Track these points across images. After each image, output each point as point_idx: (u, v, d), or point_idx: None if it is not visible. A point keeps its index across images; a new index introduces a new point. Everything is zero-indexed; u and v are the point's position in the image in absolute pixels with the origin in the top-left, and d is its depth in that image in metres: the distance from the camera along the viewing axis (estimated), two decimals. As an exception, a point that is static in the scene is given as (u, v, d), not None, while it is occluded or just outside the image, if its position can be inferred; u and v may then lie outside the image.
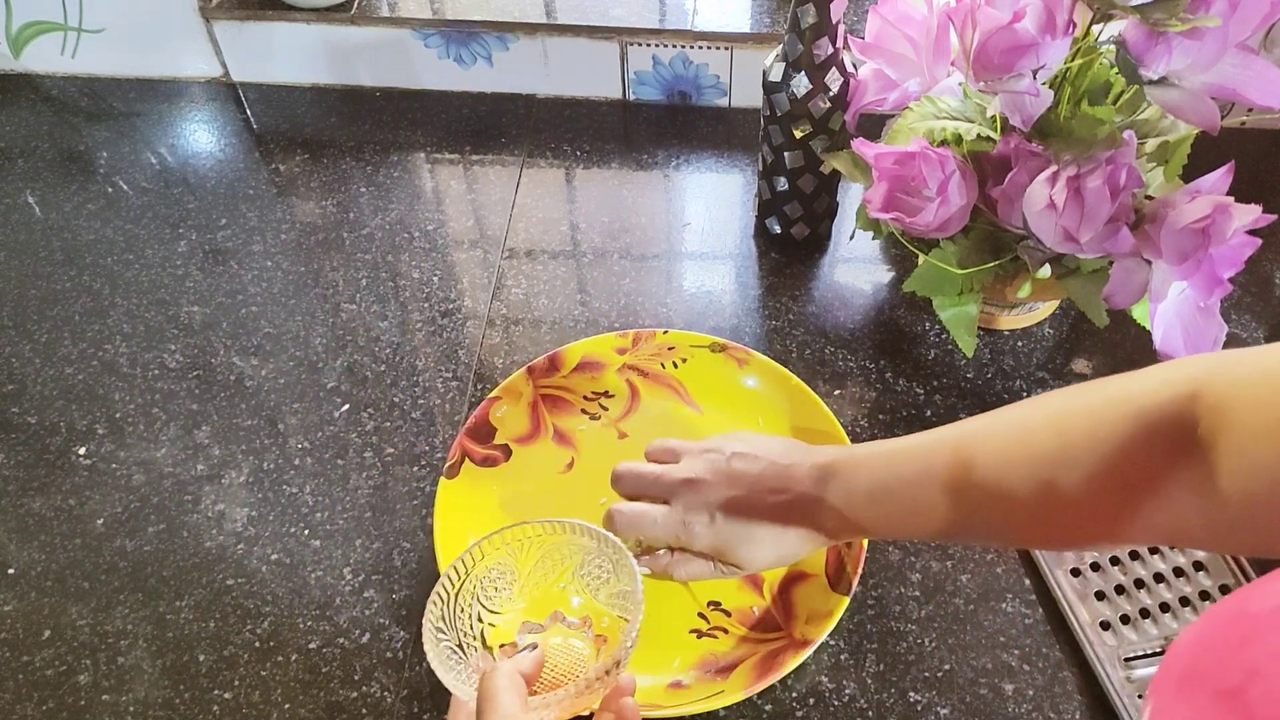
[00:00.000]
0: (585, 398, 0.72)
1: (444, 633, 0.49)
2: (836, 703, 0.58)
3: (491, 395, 0.70)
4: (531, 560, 0.53)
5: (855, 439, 0.69)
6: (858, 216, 0.73)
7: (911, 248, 0.68)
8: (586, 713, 0.48)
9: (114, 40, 0.99)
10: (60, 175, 0.93)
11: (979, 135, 0.64)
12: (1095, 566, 0.62)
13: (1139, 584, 0.62)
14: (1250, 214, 0.60)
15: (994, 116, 0.64)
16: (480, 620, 0.52)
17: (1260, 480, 0.35)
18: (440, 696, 0.59)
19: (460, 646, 0.50)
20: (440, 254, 0.85)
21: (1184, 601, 0.61)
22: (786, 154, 0.78)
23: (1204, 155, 0.65)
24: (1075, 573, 0.62)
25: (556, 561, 0.54)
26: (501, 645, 0.52)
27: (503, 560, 0.53)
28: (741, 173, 0.92)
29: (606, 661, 0.46)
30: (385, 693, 0.60)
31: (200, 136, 0.97)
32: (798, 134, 0.76)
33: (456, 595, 0.51)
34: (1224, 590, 0.61)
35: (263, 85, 1.01)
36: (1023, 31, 0.57)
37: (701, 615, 0.62)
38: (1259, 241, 0.58)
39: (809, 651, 0.58)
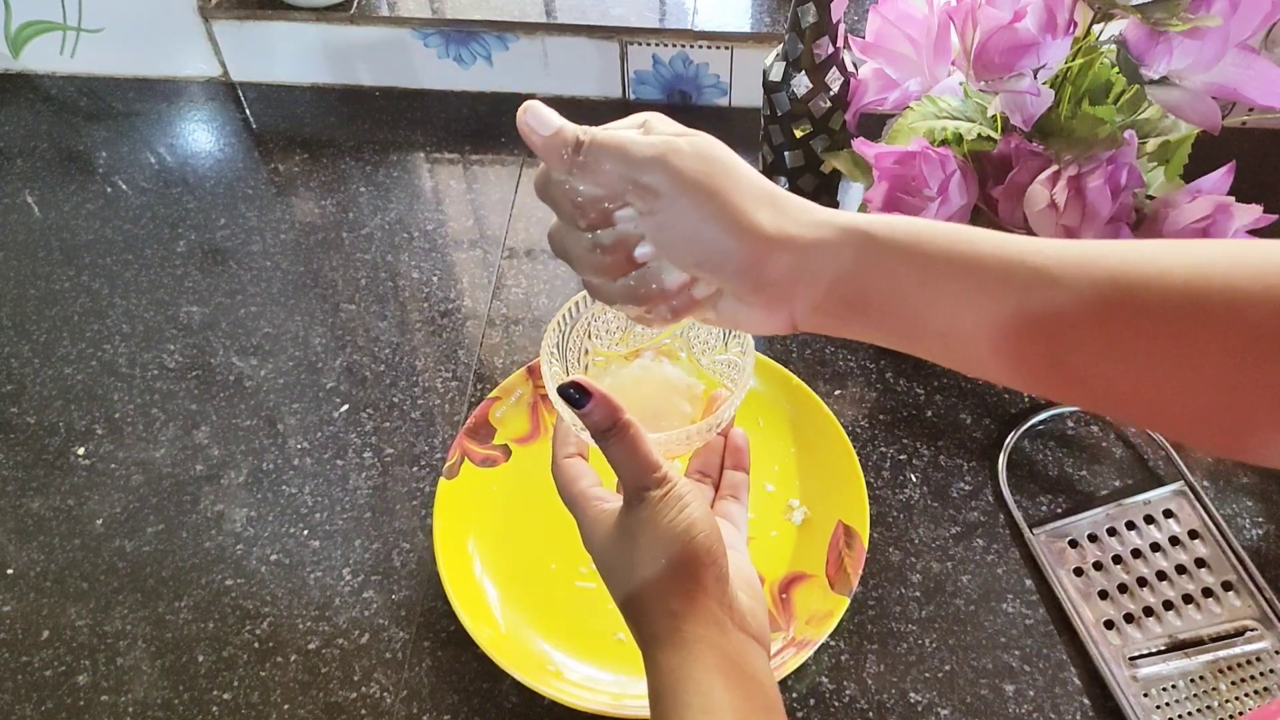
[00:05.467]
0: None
1: (555, 358, 0.52)
2: (837, 703, 0.58)
3: (491, 395, 0.70)
4: None
5: (855, 439, 0.69)
6: (858, 216, 0.72)
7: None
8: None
9: (113, 40, 0.99)
10: (59, 175, 0.93)
11: (980, 135, 0.64)
12: (1098, 566, 0.62)
13: (1141, 582, 0.62)
14: (1251, 214, 0.60)
15: (995, 116, 0.64)
16: (587, 353, 0.54)
17: None
18: (439, 697, 0.59)
19: (567, 374, 0.53)
20: (440, 254, 0.85)
21: (1187, 599, 0.61)
22: (787, 154, 0.78)
23: (1205, 155, 0.65)
24: (1078, 572, 0.62)
25: None
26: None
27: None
28: (741, 172, 0.92)
29: (702, 425, 0.47)
30: (385, 693, 0.59)
31: (199, 136, 0.97)
32: (798, 134, 0.76)
33: (572, 328, 0.53)
34: (1226, 586, 0.61)
35: (262, 85, 1.01)
36: (1023, 31, 0.57)
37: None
38: (1260, 241, 0.58)
39: (809, 652, 0.58)
